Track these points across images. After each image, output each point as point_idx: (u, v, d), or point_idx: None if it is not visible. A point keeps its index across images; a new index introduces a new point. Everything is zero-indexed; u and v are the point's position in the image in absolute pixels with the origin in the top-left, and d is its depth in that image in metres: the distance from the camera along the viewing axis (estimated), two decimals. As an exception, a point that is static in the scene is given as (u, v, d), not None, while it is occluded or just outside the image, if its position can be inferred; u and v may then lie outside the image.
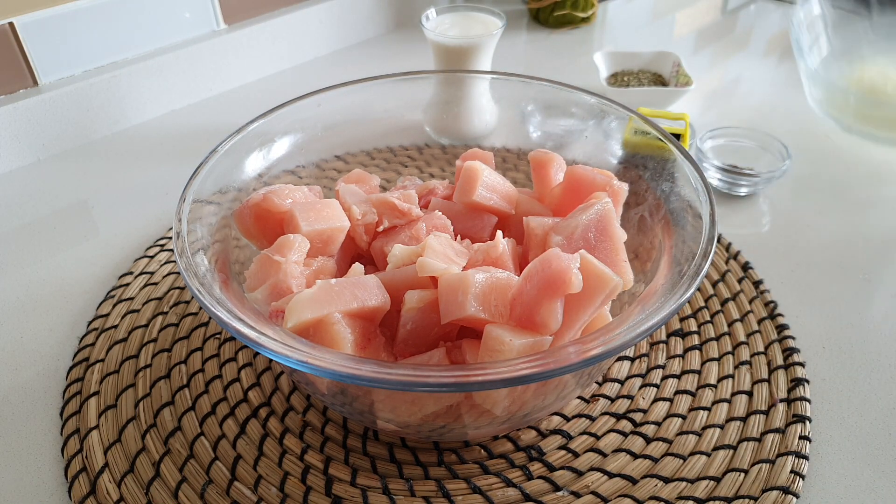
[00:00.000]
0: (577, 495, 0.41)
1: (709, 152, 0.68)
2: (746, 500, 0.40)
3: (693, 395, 0.47)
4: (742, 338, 0.51)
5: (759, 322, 0.52)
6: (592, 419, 0.46)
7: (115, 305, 0.54)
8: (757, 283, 0.56)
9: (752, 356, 0.49)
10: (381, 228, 0.47)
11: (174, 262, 0.58)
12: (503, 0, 1.12)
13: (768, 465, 0.42)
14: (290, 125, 0.52)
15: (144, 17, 0.78)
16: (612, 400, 0.47)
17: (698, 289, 0.45)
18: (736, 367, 0.49)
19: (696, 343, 0.51)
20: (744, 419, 0.45)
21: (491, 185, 0.48)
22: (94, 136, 0.78)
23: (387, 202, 0.47)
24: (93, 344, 0.51)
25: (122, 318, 0.53)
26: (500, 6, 1.08)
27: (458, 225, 0.48)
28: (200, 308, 0.53)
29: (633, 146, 0.50)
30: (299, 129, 0.53)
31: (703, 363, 0.49)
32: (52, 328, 0.53)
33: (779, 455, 0.43)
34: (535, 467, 0.43)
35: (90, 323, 0.53)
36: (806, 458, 0.42)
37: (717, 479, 0.42)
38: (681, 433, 0.44)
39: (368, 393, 0.39)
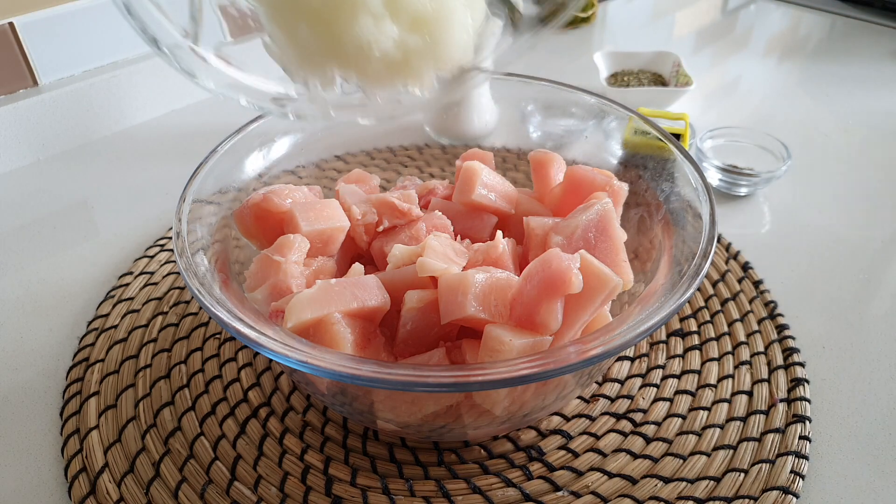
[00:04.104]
0: (577, 495, 0.41)
1: (709, 152, 0.68)
2: (746, 500, 0.40)
3: (693, 395, 0.47)
4: (742, 338, 0.51)
5: (759, 322, 0.52)
6: (592, 419, 0.46)
7: (115, 305, 0.54)
8: (757, 283, 0.56)
9: (752, 356, 0.49)
10: (381, 228, 0.47)
11: (174, 262, 0.58)
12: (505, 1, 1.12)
13: (768, 465, 0.42)
14: (290, 125, 0.52)
15: (144, 17, 0.78)
16: (612, 400, 0.47)
17: (698, 289, 0.45)
18: (736, 367, 0.49)
19: (696, 343, 0.51)
20: (744, 419, 0.45)
21: (490, 185, 0.48)
22: (94, 136, 0.78)
23: (387, 202, 0.47)
24: (93, 344, 0.51)
25: (122, 318, 0.53)
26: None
27: (458, 225, 0.48)
28: (200, 308, 0.53)
29: (633, 146, 0.50)
30: (299, 129, 0.53)
31: (703, 363, 0.49)
32: (52, 328, 0.53)
33: (779, 455, 0.43)
34: (535, 467, 0.43)
35: (90, 323, 0.53)
36: (806, 458, 0.42)
37: (717, 479, 0.42)
38: (681, 433, 0.44)
39: (368, 393, 0.39)
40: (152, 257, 0.59)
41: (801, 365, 0.48)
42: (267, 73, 0.37)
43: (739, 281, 0.56)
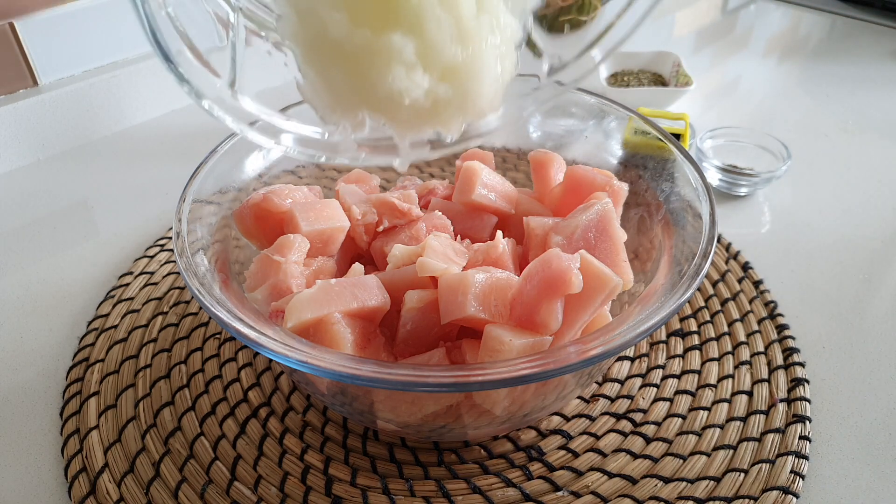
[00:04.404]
0: (576, 495, 0.41)
1: (709, 152, 0.68)
2: (746, 500, 0.40)
3: (693, 395, 0.47)
4: (742, 338, 0.51)
5: (759, 322, 0.52)
6: (592, 419, 0.46)
7: (115, 305, 0.54)
8: (757, 283, 0.56)
9: (752, 356, 0.49)
10: (381, 228, 0.47)
11: (174, 262, 0.58)
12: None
13: (768, 465, 0.42)
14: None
15: (144, 17, 0.78)
16: (612, 400, 0.47)
17: (698, 289, 0.45)
18: (736, 367, 0.49)
19: (696, 343, 0.51)
20: (744, 419, 0.45)
21: (490, 185, 0.48)
22: (94, 136, 0.78)
23: (387, 202, 0.47)
24: (93, 344, 0.51)
25: (122, 318, 0.53)
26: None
27: (458, 225, 0.48)
28: (200, 308, 0.53)
29: (633, 146, 0.50)
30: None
31: (703, 363, 0.49)
32: (52, 328, 0.53)
33: (779, 455, 0.43)
34: (535, 467, 0.43)
35: (90, 323, 0.53)
36: (806, 458, 0.42)
37: (717, 479, 0.42)
38: (681, 433, 0.44)
39: (368, 393, 0.39)
40: (152, 257, 0.59)
41: (801, 365, 0.48)
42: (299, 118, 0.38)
43: (739, 281, 0.56)
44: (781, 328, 0.51)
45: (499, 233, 0.43)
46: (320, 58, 0.31)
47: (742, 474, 0.42)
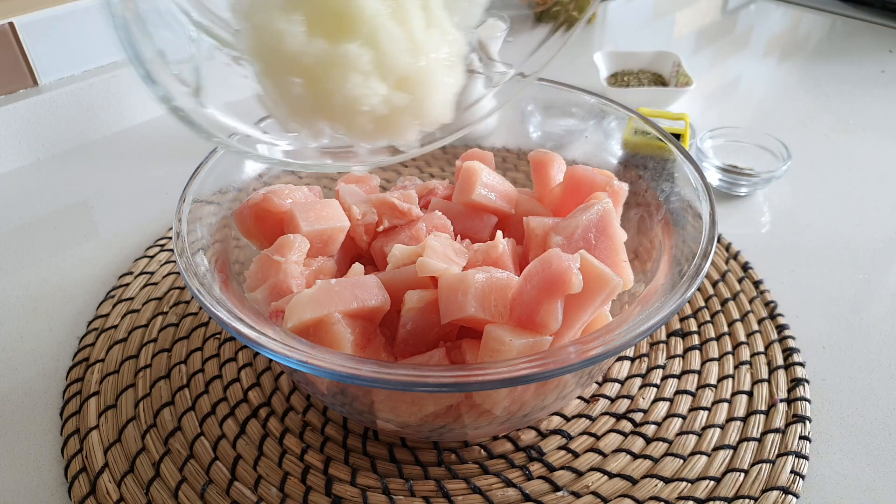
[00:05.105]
0: (577, 495, 0.41)
1: (709, 152, 0.68)
2: (746, 500, 0.40)
3: (693, 395, 0.47)
4: (742, 338, 0.51)
5: (759, 322, 0.52)
6: (592, 419, 0.46)
7: (115, 305, 0.54)
8: (757, 283, 0.56)
9: (752, 356, 0.49)
10: (381, 228, 0.47)
11: (174, 262, 0.58)
12: (509, 5, 1.12)
13: (768, 465, 0.42)
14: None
15: (144, 17, 0.78)
16: (612, 400, 0.47)
17: (698, 289, 0.45)
18: (736, 367, 0.49)
19: (696, 343, 0.51)
20: (744, 419, 0.45)
21: (490, 185, 0.48)
22: (94, 136, 0.78)
23: (387, 202, 0.47)
24: (93, 344, 0.51)
25: (122, 318, 0.53)
26: (505, 10, 1.07)
27: (458, 225, 0.48)
28: (200, 308, 0.53)
29: (633, 146, 0.50)
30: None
31: (703, 363, 0.49)
32: (52, 328, 0.53)
33: (779, 455, 0.43)
34: (535, 467, 0.43)
35: (90, 323, 0.53)
36: (806, 458, 0.42)
37: (717, 480, 0.42)
38: (681, 433, 0.44)
39: (368, 393, 0.39)
40: (152, 257, 0.59)
41: (801, 365, 0.48)
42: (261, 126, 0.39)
43: (739, 281, 0.56)
44: (781, 328, 0.51)
45: (499, 233, 0.43)
46: (278, 69, 0.32)
47: (742, 474, 0.42)
